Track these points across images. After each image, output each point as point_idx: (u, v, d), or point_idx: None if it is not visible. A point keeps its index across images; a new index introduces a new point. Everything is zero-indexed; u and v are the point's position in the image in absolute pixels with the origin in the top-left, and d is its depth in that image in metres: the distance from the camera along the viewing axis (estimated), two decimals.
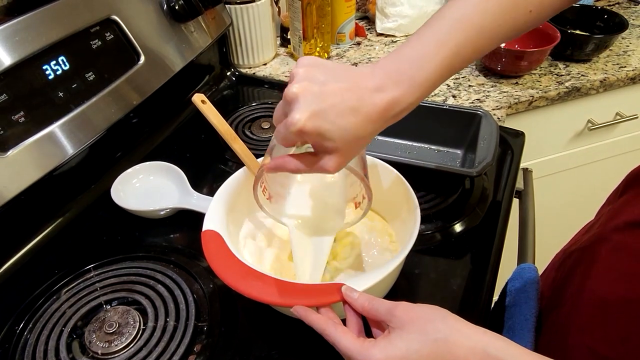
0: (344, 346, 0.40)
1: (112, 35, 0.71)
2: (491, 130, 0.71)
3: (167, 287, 0.58)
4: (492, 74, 0.98)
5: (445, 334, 0.37)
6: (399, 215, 0.59)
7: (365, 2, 1.21)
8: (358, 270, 0.56)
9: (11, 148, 0.58)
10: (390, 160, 0.61)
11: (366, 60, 1.06)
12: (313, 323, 0.43)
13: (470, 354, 0.36)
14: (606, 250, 0.51)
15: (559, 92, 0.95)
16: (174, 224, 0.69)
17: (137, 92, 0.74)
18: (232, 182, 0.58)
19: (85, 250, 0.65)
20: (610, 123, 1.09)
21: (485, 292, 0.59)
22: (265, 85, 1.01)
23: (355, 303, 0.43)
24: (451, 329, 0.38)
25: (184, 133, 0.87)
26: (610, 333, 0.46)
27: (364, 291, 0.44)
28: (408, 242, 0.49)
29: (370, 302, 0.42)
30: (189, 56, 0.84)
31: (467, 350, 0.36)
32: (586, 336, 0.46)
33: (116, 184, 0.70)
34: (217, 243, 0.50)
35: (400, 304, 0.40)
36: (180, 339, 0.53)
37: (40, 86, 0.61)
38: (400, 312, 0.40)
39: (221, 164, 0.80)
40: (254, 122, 0.89)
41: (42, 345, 0.53)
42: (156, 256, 0.63)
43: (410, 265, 0.60)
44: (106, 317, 0.55)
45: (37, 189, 0.61)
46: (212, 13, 0.90)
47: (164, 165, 0.73)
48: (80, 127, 0.65)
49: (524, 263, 0.67)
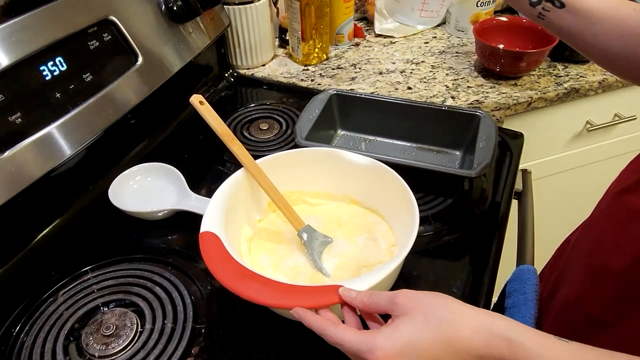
0: (348, 341, 0.40)
1: (110, 36, 0.70)
2: (490, 131, 0.71)
3: (164, 289, 0.58)
4: (491, 75, 0.98)
5: (449, 317, 0.37)
6: (397, 216, 0.58)
7: (364, 3, 1.21)
8: (356, 272, 0.56)
9: (8, 149, 0.57)
10: (389, 161, 0.60)
11: (365, 62, 1.06)
12: (312, 324, 0.42)
13: (475, 335, 0.36)
14: (600, 220, 0.53)
15: (557, 93, 0.95)
16: (172, 225, 0.68)
17: (135, 93, 0.74)
18: (230, 184, 0.58)
19: (83, 251, 0.65)
20: (609, 124, 1.09)
21: (484, 294, 0.58)
22: (264, 86, 1.01)
23: (354, 301, 0.43)
24: (454, 312, 0.38)
25: (182, 134, 0.87)
26: (605, 298, 0.47)
27: None
28: (407, 244, 0.49)
29: (370, 297, 0.42)
30: (187, 57, 0.84)
31: (471, 331, 0.36)
32: (584, 304, 0.46)
33: (114, 186, 0.70)
34: (215, 245, 0.49)
35: (401, 292, 0.40)
36: (177, 341, 0.53)
37: (38, 87, 0.61)
38: (402, 300, 0.40)
39: (219, 165, 0.79)
40: (252, 123, 0.88)
41: (38, 347, 0.53)
42: (154, 258, 0.63)
43: (409, 267, 0.60)
44: (103, 320, 0.54)
45: (34, 191, 0.60)
46: (211, 14, 0.90)
47: (162, 167, 0.73)
48: (77, 128, 0.65)
49: (523, 264, 0.67)
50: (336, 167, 0.63)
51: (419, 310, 0.38)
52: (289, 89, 0.99)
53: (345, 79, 1.01)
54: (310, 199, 0.65)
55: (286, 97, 0.96)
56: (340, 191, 0.65)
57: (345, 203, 0.65)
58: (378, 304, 0.41)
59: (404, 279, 0.58)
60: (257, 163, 0.59)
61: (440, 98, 0.93)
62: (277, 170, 0.61)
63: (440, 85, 0.96)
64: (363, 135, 0.84)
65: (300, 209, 0.61)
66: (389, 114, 0.80)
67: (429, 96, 0.93)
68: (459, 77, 0.98)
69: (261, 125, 0.87)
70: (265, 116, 0.90)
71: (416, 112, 0.79)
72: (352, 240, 0.60)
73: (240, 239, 0.59)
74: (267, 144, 0.83)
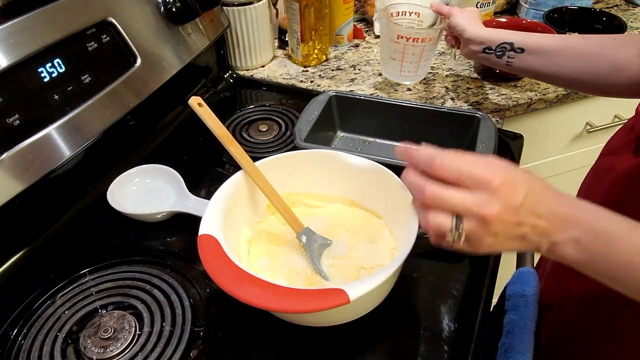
0: (460, 201, 0.40)
1: (109, 37, 0.70)
2: (490, 133, 0.71)
3: (163, 291, 0.58)
4: (491, 77, 0.98)
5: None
6: (397, 218, 0.58)
7: (364, 4, 1.21)
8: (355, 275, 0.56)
9: (6, 151, 0.57)
10: (388, 163, 0.60)
11: (364, 63, 1.06)
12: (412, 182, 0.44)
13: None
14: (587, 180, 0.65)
15: (557, 94, 0.95)
16: (170, 227, 0.68)
17: (134, 94, 0.73)
18: (229, 186, 0.58)
19: (81, 254, 0.64)
20: (609, 125, 1.09)
21: (484, 296, 0.58)
22: (263, 88, 1.01)
23: (436, 160, 0.43)
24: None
25: (181, 136, 0.87)
26: None
27: (361, 296, 0.44)
28: (406, 246, 0.49)
29: (442, 158, 0.42)
30: (186, 58, 0.84)
31: None
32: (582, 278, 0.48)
33: (112, 187, 0.69)
34: (214, 248, 0.49)
35: (479, 165, 0.42)
36: (176, 344, 0.52)
37: (36, 89, 0.61)
38: (484, 175, 0.41)
39: (218, 167, 0.79)
40: (252, 125, 0.88)
41: (36, 350, 0.52)
42: (152, 260, 0.63)
43: (409, 269, 0.60)
44: (102, 322, 0.54)
45: (33, 193, 0.60)
46: (210, 15, 0.89)
47: (160, 168, 0.73)
48: (76, 129, 0.65)
49: (522, 267, 0.67)
50: (335, 169, 0.62)
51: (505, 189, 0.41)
52: (288, 90, 0.99)
53: (344, 80, 1.00)
54: (309, 201, 0.65)
55: (285, 99, 0.96)
56: (339, 193, 0.64)
57: (344, 205, 0.65)
58: (459, 170, 0.42)
59: (403, 281, 0.58)
60: (256, 165, 0.59)
61: (440, 100, 0.93)
62: (276, 172, 0.61)
63: (440, 87, 0.96)
64: (362, 136, 0.84)
65: (299, 211, 0.61)
66: (389, 116, 0.80)
67: (428, 97, 0.93)
68: (459, 79, 0.98)
69: (260, 126, 0.87)
70: (265, 117, 0.90)
71: (416, 113, 0.79)
72: (352, 242, 0.59)
73: (239, 241, 0.59)
74: (266, 145, 0.83)
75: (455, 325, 0.55)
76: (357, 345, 0.54)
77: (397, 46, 0.87)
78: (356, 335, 0.55)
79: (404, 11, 0.92)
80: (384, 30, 0.90)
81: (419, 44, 0.86)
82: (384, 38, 0.90)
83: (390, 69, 0.93)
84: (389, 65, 0.92)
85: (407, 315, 0.57)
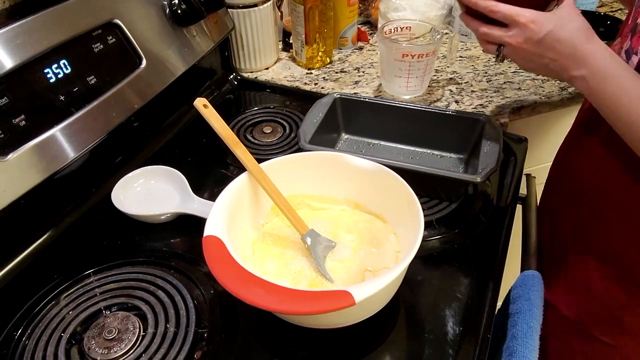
0: (497, 36, 0.59)
1: (114, 39, 0.70)
2: (494, 135, 0.71)
3: (167, 292, 0.58)
4: (494, 79, 0.98)
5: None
6: (402, 221, 0.58)
7: (368, 7, 1.21)
8: (360, 277, 0.56)
9: (11, 152, 0.57)
10: (393, 165, 0.60)
11: (368, 65, 1.06)
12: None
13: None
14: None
15: (562, 97, 0.94)
16: (174, 228, 0.68)
17: (139, 95, 0.73)
18: (234, 187, 0.58)
19: (85, 255, 0.65)
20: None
21: (488, 299, 0.58)
22: (267, 90, 1.01)
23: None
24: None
25: (185, 137, 0.87)
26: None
27: (366, 298, 0.44)
28: (411, 249, 0.49)
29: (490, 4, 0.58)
30: (191, 60, 0.84)
31: None
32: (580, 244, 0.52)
33: (117, 188, 0.69)
34: (218, 249, 0.49)
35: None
36: (180, 345, 0.52)
37: (42, 90, 0.61)
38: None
39: (223, 169, 0.79)
40: (256, 127, 0.88)
41: (40, 351, 0.52)
42: (156, 261, 0.63)
43: (413, 272, 0.60)
44: (106, 323, 0.54)
45: (37, 193, 0.60)
46: (214, 17, 0.90)
47: (165, 170, 0.73)
48: (81, 130, 0.65)
49: (527, 270, 0.66)
50: (340, 171, 0.62)
51: None
52: (292, 92, 0.99)
53: (348, 82, 1.01)
54: (313, 203, 0.65)
55: (290, 101, 0.96)
56: (344, 195, 0.64)
57: (349, 207, 0.64)
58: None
59: (408, 283, 0.58)
60: (260, 167, 0.59)
61: (444, 102, 0.93)
62: (281, 174, 0.61)
63: (444, 89, 0.96)
64: (367, 139, 0.84)
65: (303, 213, 0.61)
66: (393, 118, 0.80)
67: (432, 100, 0.93)
68: (463, 81, 0.98)
69: (265, 128, 0.87)
70: (269, 120, 0.90)
71: (420, 116, 0.79)
72: (356, 244, 0.59)
73: (243, 243, 0.59)
74: (271, 147, 0.83)
75: (459, 328, 0.55)
76: (361, 347, 0.54)
77: (402, 65, 0.87)
78: (360, 338, 0.54)
79: (396, 27, 0.92)
80: (385, 51, 0.89)
81: (423, 59, 0.86)
82: (386, 58, 0.90)
83: (396, 87, 0.92)
84: (394, 83, 0.91)
85: (412, 318, 0.57)
